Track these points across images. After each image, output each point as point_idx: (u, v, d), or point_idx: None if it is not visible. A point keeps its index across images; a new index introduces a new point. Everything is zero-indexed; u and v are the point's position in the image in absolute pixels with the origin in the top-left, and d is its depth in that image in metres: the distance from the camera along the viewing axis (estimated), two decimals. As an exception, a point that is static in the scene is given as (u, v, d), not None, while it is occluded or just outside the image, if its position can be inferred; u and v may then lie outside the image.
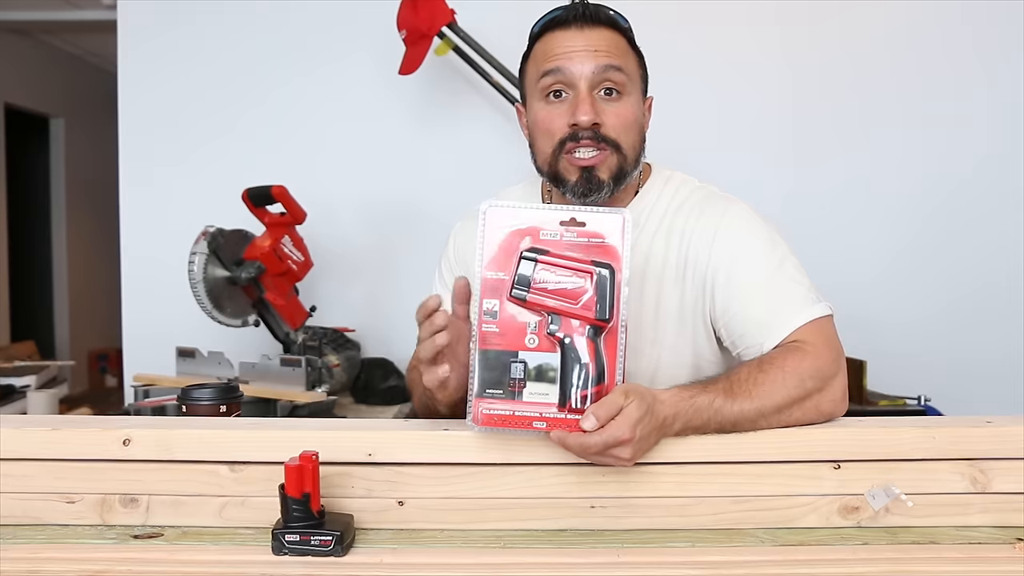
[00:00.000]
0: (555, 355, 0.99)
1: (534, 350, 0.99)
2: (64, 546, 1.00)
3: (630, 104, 1.24)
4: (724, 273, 1.23)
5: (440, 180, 2.60)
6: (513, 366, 0.99)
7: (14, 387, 2.51)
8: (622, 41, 1.25)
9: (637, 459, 1.01)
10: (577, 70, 1.21)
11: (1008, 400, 2.39)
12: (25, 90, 5.72)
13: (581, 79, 1.21)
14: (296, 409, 1.86)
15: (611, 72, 1.21)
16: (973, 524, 1.05)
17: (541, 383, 0.99)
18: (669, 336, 1.27)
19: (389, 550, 0.98)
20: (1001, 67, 2.57)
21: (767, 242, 1.24)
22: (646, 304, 1.27)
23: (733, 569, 0.94)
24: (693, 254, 1.25)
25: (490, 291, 0.99)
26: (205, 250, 2.03)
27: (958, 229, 2.60)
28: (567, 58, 1.22)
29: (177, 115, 2.64)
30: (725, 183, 1.34)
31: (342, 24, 2.61)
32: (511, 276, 0.98)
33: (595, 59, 1.21)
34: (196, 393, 1.23)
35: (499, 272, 0.99)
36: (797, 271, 1.22)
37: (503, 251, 0.99)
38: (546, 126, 1.24)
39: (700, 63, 2.55)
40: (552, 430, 0.97)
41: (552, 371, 0.99)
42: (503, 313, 0.99)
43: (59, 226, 6.23)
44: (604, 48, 1.22)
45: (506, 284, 0.99)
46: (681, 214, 1.29)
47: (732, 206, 1.28)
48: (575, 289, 0.99)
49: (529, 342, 0.99)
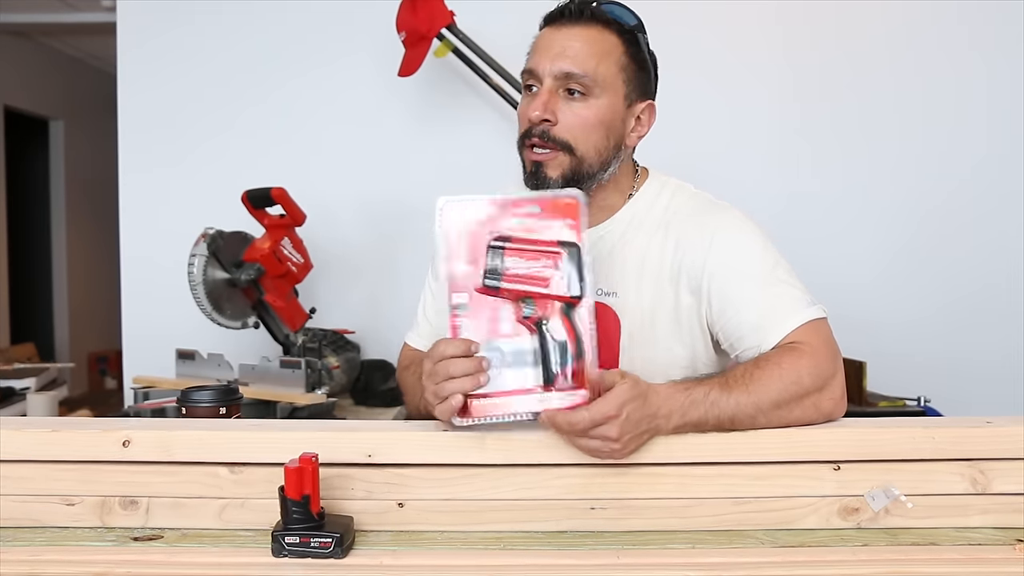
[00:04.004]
0: (530, 339, 1.01)
1: (508, 336, 1.01)
2: (64, 548, 1.00)
3: (595, 106, 1.23)
4: (720, 277, 1.23)
5: (440, 181, 2.59)
6: (492, 356, 1.00)
7: (14, 389, 2.51)
8: (610, 39, 1.24)
9: (629, 448, 1.01)
10: (544, 67, 1.23)
11: (1008, 401, 2.39)
12: (25, 92, 5.72)
13: (546, 76, 1.23)
14: (296, 411, 1.86)
15: (574, 72, 1.22)
16: (973, 525, 1.05)
17: (520, 368, 1.00)
18: (665, 338, 1.28)
19: (389, 552, 0.98)
20: (1001, 67, 2.57)
21: (761, 248, 1.25)
22: (643, 306, 1.28)
23: (733, 571, 0.94)
24: (689, 259, 1.26)
25: (457, 285, 1.00)
26: (205, 252, 2.03)
27: (957, 229, 2.60)
28: (540, 54, 1.24)
29: (177, 116, 2.64)
30: (725, 184, 1.35)
31: (341, 26, 2.61)
32: (481, 268, 1.00)
33: (561, 59, 1.22)
34: (196, 395, 1.23)
35: (463, 265, 1.00)
36: (791, 275, 1.23)
37: (463, 244, 1.00)
38: (519, 117, 1.29)
39: (700, 63, 2.55)
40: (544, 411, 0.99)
41: (529, 355, 1.01)
42: (473, 303, 1.00)
43: (59, 229, 6.23)
44: (578, 47, 1.23)
45: (472, 276, 1.00)
46: (677, 219, 1.29)
47: (727, 212, 1.29)
48: (545, 272, 1.01)
49: (502, 329, 1.01)
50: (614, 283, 1.29)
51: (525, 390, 1.00)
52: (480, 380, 0.99)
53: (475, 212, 1.01)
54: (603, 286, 1.29)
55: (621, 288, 1.29)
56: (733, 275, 1.23)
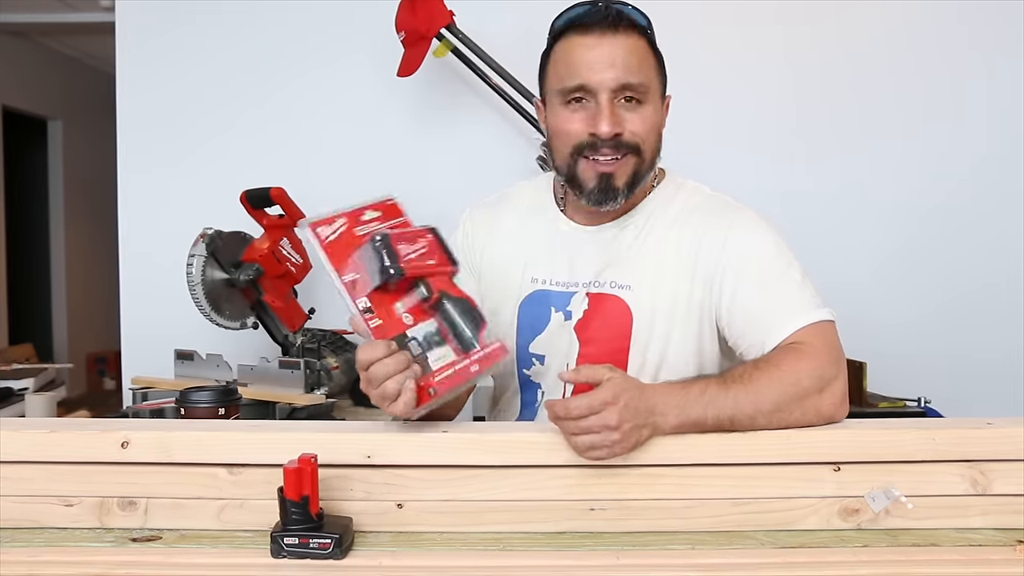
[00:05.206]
0: (431, 320, 1.07)
1: (413, 325, 1.06)
2: (62, 549, 1.00)
3: (650, 110, 1.26)
4: (732, 273, 1.25)
5: (439, 182, 2.59)
6: (410, 346, 1.05)
7: (12, 390, 2.50)
8: (642, 43, 1.25)
9: (630, 441, 1.01)
10: (598, 81, 1.22)
11: (1008, 401, 2.39)
12: (23, 92, 5.72)
13: (602, 90, 1.22)
14: (295, 411, 1.86)
15: (632, 83, 1.23)
16: (973, 526, 1.05)
17: (436, 348, 1.06)
18: (676, 332, 1.29)
19: (388, 553, 0.98)
20: (1001, 67, 2.57)
21: (775, 248, 1.27)
22: (657, 301, 1.29)
23: (733, 571, 0.94)
24: (704, 255, 1.27)
25: (356, 291, 1.04)
26: (203, 252, 2.03)
27: (957, 229, 2.59)
28: (588, 69, 1.23)
29: (176, 116, 2.63)
30: (725, 184, 1.35)
31: (341, 26, 2.61)
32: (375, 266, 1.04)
33: (616, 71, 1.22)
34: (195, 396, 1.23)
35: (352, 273, 1.05)
36: (803, 277, 1.24)
37: (341, 255, 1.05)
38: (565, 131, 1.26)
39: (700, 63, 2.55)
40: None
41: (437, 335, 1.07)
42: (375, 305, 1.04)
43: (57, 229, 6.23)
44: (626, 57, 1.22)
45: (363, 281, 1.04)
46: (694, 217, 1.31)
47: (743, 212, 1.31)
48: (427, 250, 1.09)
49: (405, 319, 1.06)
50: (629, 277, 1.30)
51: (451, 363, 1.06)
52: (416, 369, 1.03)
53: (334, 227, 1.06)
54: (617, 279, 1.30)
55: (636, 282, 1.30)
56: (745, 272, 1.25)
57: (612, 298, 1.30)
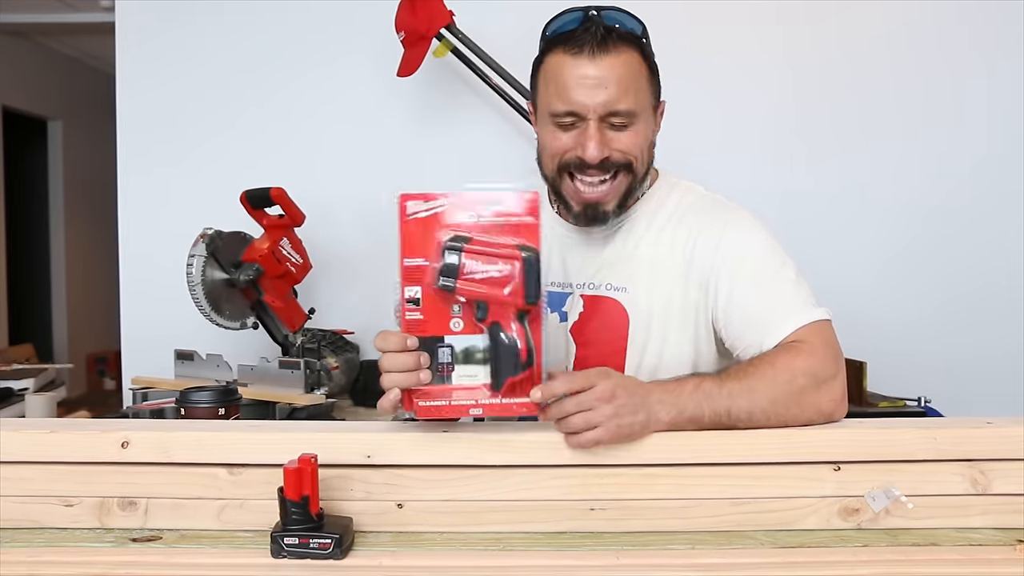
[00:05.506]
0: (480, 336, 1.00)
1: (460, 333, 1.00)
2: (62, 549, 1.00)
3: (640, 129, 1.24)
4: (727, 273, 1.25)
5: (439, 182, 2.58)
6: (440, 351, 1.00)
7: (12, 390, 2.50)
8: (634, 58, 1.22)
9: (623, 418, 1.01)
10: (587, 107, 1.20)
11: (1008, 400, 2.39)
12: (23, 92, 5.72)
13: (591, 112, 1.21)
14: (295, 412, 1.86)
15: (621, 110, 1.21)
16: (973, 526, 1.05)
17: (469, 365, 1.00)
18: (672, 333, 1.29)
19: (388, 553, 0.98)
20: (1001, 67, 2.57)
21: (769, 248, 1.27)
22: (653, 302, 1.29)
23: (733, 571, 0.94)
24: (699, 255, 1.27)
25: (410, 278, 0.99)
26: (203, 252, 2.03)
27: (957, 229, 2.59)
28: (577, 94, 1.20)
29: (176, 116, 2.63)
30: (725, 184, 1.35)
31: (340, 26, 2.61)
32: (437, 266, 0.98)
33: (607, 94, 1.20)
34: (195, 396, 1.23)
35: (418, 258, 0.99)
36: (797, 277, 1.24)
37: (420, 237, 1.00)
38: (551, 148, 1.26)
39: (700, 64, 2.55)
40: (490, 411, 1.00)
41: (479, 352, 1.00)
42: (425, 299, 0.99)
43: (57, 229, 6.23)
44: (616, 80, 1.20)
45: (427, 270, 0.98)
46: (688, 217, 1.31)
47: (737, 212, 1.31)
48: (502, 276, 0.99)
49: (454, 326, 1.00)
50: (625, 279, 1.31)
51: (471, 388, 1.00)
52: (420, 377, 0.99)
53: (432, 204, 1.01)
54: (613, 281, 1.31)
55: (631, 284, 1.30)
56: (740, 272, 1.25)
57: (608, 300, 1.30)
